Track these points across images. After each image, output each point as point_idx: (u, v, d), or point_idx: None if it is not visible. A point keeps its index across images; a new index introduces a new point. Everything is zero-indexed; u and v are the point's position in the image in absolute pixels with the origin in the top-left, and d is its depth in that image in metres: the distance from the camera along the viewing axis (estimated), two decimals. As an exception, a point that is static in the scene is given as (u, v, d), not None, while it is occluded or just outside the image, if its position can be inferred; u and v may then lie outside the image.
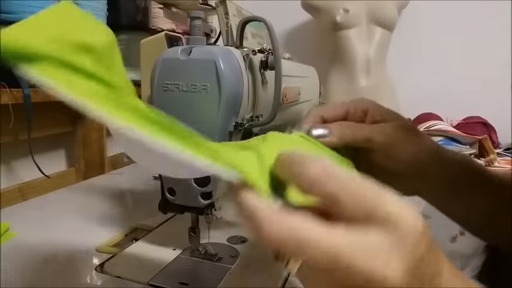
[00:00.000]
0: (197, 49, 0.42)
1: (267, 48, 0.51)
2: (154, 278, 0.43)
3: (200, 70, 0.41)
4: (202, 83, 0.41)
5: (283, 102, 0.60)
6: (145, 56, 0.52)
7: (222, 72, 0.41)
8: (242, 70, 0.43)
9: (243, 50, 0.45)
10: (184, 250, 0.50)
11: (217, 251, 0.49)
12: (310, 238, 0.19)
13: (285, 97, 0.61)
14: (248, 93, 0.45)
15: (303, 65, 0.85)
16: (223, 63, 0.41)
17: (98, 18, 0.83)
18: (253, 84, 0.47)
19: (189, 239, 0.49)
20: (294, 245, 0.19)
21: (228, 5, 0.57)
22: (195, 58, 0.42)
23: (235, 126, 0.43)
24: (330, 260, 0.18)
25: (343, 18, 1.35)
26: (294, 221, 0.19)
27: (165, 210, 0.48)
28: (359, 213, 0.20)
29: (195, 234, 0.49)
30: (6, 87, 0.63)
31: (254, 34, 0.66)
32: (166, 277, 0.44)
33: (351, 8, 1.35)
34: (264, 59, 0.48)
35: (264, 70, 0.49)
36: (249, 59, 0.45)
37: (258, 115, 0.49)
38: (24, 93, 0.66)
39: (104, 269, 0.45)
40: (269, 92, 0.48)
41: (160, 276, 0.44)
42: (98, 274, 0.45)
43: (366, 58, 1.37)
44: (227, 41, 0.55)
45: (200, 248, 0.49)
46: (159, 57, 0.44)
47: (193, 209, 0.47)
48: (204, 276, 0.45)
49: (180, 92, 0.42)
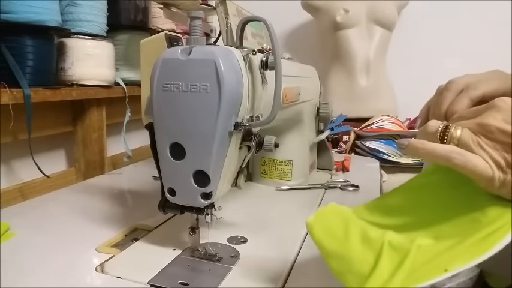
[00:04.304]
0: (197, 49, 0.42)
1: (267, 48, 0.51)
2: (154, 278, 0.43)
3: (200, 70, 0.41)
4: (202, 83, 0.41)
5: (283, 102, 0.60)
6: (145, 56, 0.52)
7: (222, 72, 0.41)
8: (242, 70, 0.43)
9: (243, 50, 0.45)
10: (184, 250, 0.50)
11: (217, 251, 0.49)
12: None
13: (285, 97, 0.61)
14: (248, 93, 0.45)
15: (303, 65, 0.85)
16: (223, 63, 0.41)
17: (98, 18, 0.83)
18: (253, 84, 0.47)
19: (189, 239, 0.49)
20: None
21: (228, 5, 0.57)
22: (195, 58, 0.42)
23: (235, 126, 0.43)
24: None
25: (343, 18, 1.35)
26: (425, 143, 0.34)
27: (165, 210, 0.48)
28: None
29: (195, 234, 0.49)
30: (6, 87, 0.63)
31: (254, 34, 0.66)
32: (166, 277, 0.44)
33: (350, 8, 1.35)
34: (264, 59, 0.48)
35: (264, 70, 0.49)
36: (249, 59, 0.45)
37: (258, 115, 0.49)
38: (24, 93, 0.66)
39: (104, 269, 0.45)
40: (269, 92, 0.48)
41: (160, 276, 0.44)
42: (98, 274, 0.45)
43: (365, 58, 1.37)
44: (227, 41, 0.55)
45: (200, 248, 0.49)
46: (159, 57, 0.44)
47: (193, 209, 0.47)
48: (204, 276, 0.45)
49: (180, 92, 0.42)
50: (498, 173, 0.31)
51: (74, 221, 0.59)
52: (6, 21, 0.65)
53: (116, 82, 0.93)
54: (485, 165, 0.32)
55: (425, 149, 0.34)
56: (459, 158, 0.32)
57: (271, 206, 0.70)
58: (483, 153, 0.32)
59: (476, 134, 0.32)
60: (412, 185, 0.40)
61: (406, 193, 0.40)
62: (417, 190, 0.39)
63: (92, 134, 0.91)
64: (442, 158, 0.33)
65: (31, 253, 0.49)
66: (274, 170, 0.81)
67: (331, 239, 0.35)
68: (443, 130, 0.34)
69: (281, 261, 0.48)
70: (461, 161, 0.32)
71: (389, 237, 0.33)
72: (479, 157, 0.32)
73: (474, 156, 0.32)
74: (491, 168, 0.31)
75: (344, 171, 0.93)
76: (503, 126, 0.31)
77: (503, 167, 0.31)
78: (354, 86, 1.38)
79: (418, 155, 0.35)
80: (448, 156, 0.32)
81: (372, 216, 0.39)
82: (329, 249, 0.35)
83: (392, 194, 0.41)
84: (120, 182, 0.84)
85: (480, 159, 0.32)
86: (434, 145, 0.34)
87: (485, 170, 0.31)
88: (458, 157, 0.32)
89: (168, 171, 0.45)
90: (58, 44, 0.79)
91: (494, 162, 0.31)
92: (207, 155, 0.43)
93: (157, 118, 0.44)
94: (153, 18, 1.06)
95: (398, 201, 0.39)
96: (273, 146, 0.49)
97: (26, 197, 0.76)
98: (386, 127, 1.19)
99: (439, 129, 0.34)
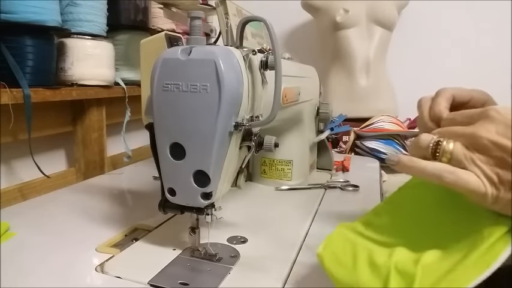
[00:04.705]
0: (197, 49, 0.42)
1: (267, 48, 0.51)
2: (154, 278, 0.43)
3: (200, 70, 0.41)
4: (202, 83, 0.41)
5: (283, 102, 0.60)
6: (145, 56, 0.52)
7: (222, 72, 0.41)
8: (242, 70, 0.43)
9: (243, 50, 0.45)
10: (184, 250, 0.50)
11: (217, 251, 0.49)
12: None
13: (285, 97, 0.61)
14: (248, 93, 0.45)
15: (303, 65, 0.85)
16: (223, 63, 0.41)
17: (98, 18, 0.83)
18: (253, 84, 0.47)
19: (189, 239, 0.49)
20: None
21: (228, 5, 0.57)
22: (195, 58, 0.42)
23: (235, 126, 0.43)
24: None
25: (343, 18, 1.35)
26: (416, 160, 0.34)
27: (165, 210, 0.48)
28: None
29: (195, 234, 0.49)
30: (6, 87, 0.63)
31: (254, 34, 0.66)
32: (166, 277, 0.44)
33: (350, 8, 1.35)
34: (264, 59, 0.48)
35: (264, 70, 0.49)
36: (249, 59, 0.45)
37: (258, 115, 0.49)
38: (24, 93, 0.66)
39: (104, 269, 0.45)
40: (269, 92, 0.48)
41: (160, 276, 0.44)
42: (98, 274, 0.45)
43: (365, 58, 1.37)
44: (227, 41, 0.55)
45: (200, 248, 0.49)
46: (159, 57, 0.44)
47: (193, 209, 0.47)
48: (204, 276, 0.45)
49: (180, 92, 0.42)
50: (491, 189, 0.31)
51: (74, 221, 0.59)
52: (6, 21, 0.65)
53: (116, 82, 0.93)
54: (478, 182, 0.31)
55: (414, 167, 0.33)
56: (450, 177, 0.31)
57: (271, 206, 0.70)
58: (476, 169, 0.31)
59: (468, 149, 0.32)
60: (412, 196, 0.41)
61: (406, 208, 0.40)
62: (417, 203, 0.40)
63: (92, 134, 0.91)
64: (432, 177, 0.32)
65: (31, 253, 0.49)
66: (274, 170, 0.81)
67: (340, 268, 0.36)
68: (435, 145, 0.33)
69: (281, 261, 0.48)
70: (453, 180, 0.31)
71: (396, 259, 0.34)
72: (471, 173, 0.31)
73: (466, 173, 0.31)
74: (484, 185, 0.31)
75: (344, 171, 0.93)
76: (497, 139, 0.30)
77: (496, 183, 0.31)
78: (354, 86, 1.38)
79: (408, 172, 0.34)
80: (438, 175, 0.32)
81: (377, 234, 0.39)
82: (339, 279, 0.36)
83: (393, 209, 0.41)
84: (120, 182, 0.84)
85: (472, 176, 0.31)
86: (425, 164, 0.33)
87: (477, 187, 0.31)
88: (450, 176, 0.31)
89: (168, 171, 0.45)
90: (58, 44, 0.79)
91: (487, 178, 0.31)
92: (207, 155, 0.43)
93: (157, 118, 0.44)
94: (153, 18, 1.06)
95: (400, 218, 0.40)
96: (273, 146, 0.49)
97: (26, 197, 0.76)
98: (386, 127, 1.18)
99: (430, 145, 0.33)
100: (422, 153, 0.34)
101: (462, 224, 0.34)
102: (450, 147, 0.32)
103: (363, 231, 0.41)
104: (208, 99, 0.41)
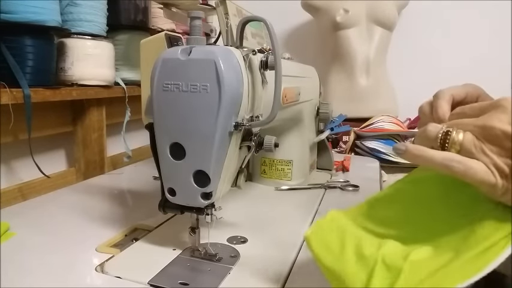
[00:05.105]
0: (197, 49, 0.42)
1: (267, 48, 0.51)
2: (154, 278, 0.43)
3: (200, 70, 0.41)
4: (202, 83, 0.41)
5: (283, 102, 0.60)
6: (145, 56, 0.52)
7: (222, 72, 0.41)
8: (242, 70, 0.43)
9: (243, 50, 0.45)
10: (184, 250, 0.50)
11: (217, 251, 0.49)
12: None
13: (285, 97, 0.61)
14: (248, 93, 0.45)
15: (303, 65, 0.85)
16: (223, 63, 0.41)
17: (97, 18, 0.83)
18: (253, 84, 0.47)
19: (189, 239, 0.49)
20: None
21: (228, 5, 0.57)
22: (195, 58, 0.42)
23: (235, 126, 0.43)
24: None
25: (343, 18, 1.35)
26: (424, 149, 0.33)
27: (165, 210, 0.48)
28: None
29: (195, 234, 0.49)
30: (6, 87, 0.63)
31: (254, 34, 0.66)
32: (166, 277, 0.44)
33: (350, 8, 1.35)
34: (264, 59, 0.48)
35: (264, 70, 0.49)
36: (249, 59, 0.45)
37: (258, 115, 0.49)
38: (24, 93, 0.66)
39: (104, 269, 0.45)
40: (269, 92, 0.48)
41: (160, 276, 0.44)
42: (98, 274, 0.45)
43: (365, 58, 1.37)
44: (227, 41, 0.55)
45: (200, 248, 0.49)
46: (159, 57, 0.44)
47: (193, 209, 0.47)
48: (204, 276, 0.45)
49: (180, 92, 0.42)
50: (501, 180, 0.30)
51: (74, 221, 0.59)
52: (6, 21, 0.65)
53: (116, 82, 0.93)
54: (487, 172, 0.30)
55: (423, 156, 0.32)
56: (459, 167, 0.30)
57: (271, 206, 0.70)
58: (486, 159, 0.30)
59: (479, 139, 0.31)
60: (409, 191, 0.40)
61: (402, 202, 0.40)
62: (414, 198, 0.39)
63: (92, 134, 0.91)
64: (441, 166, 0.31)
65: (31, 253, 0.49)
66: (274, 170, 0.81)
67: (327, 254, 0.36)
68: (444, 135, 0.32)
69: (281, 261, 0.48)
70: (461, 169, 0.30)
71: (384, 252, 0.33)
72: (480, 163, 0.30)
73: (475, 162, 0.30)
74: (494, 175, 0.30)
75: (344, 171, 0.93)
76: (510, 129, 0.29)
77: (507, 175, 0.30)
78: (354, 86, 1.38)
79: (415, 162, 0.33)
80: (447, 164, 0.31)
81: (369, 223, 0.39)
82: (325, 265, 0.35)
83: (389, 201, 0.41)
84: (120, 182, 0.84)
85: (481, 166, 0.30)
86: (433, 152, 0.32)
87: (487, 177, 0.30)
88: (458, 165, 0.30)
89: (168, 171, 0.45)
90: (58, 44, 0.79)
91: (497, 169, 0.30)
92: (207, 155, 0.43)
93: (157, 118, 0.44)
94: (153, 18, 1.06)
95: (394, 211, 0.39)
96: (273, 146, 0.49)
97: (26, 197, 0.76)
98: (386, 127, 1.19)
99: (439, 136, 0.32)
100: (430, 144, 0.33)
101: (457, 224, 0.33)
102: (460, 138, 0.31)
103: (355, 218, 0.40)
104: (208, 99, 0.41)
